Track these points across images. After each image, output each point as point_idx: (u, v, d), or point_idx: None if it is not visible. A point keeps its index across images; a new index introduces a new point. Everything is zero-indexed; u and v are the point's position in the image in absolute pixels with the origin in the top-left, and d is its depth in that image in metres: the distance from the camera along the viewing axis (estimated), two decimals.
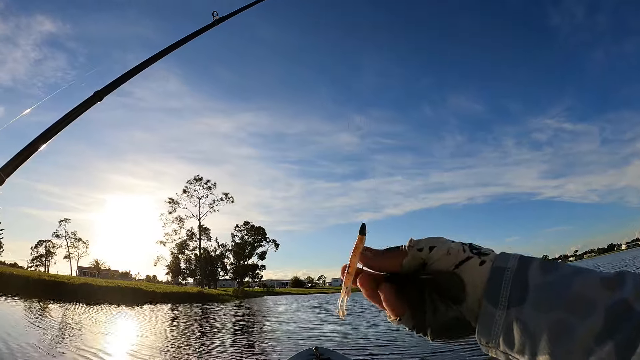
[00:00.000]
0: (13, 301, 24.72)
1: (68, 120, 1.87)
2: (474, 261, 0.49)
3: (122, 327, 17.94)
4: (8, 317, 16.83)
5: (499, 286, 0.45)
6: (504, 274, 0.46)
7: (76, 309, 25.01)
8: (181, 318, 23.84)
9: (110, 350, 10.57)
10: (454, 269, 0.49)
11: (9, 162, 1.59)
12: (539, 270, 0.45)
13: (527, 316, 0.42)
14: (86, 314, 22.25)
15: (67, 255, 78.57)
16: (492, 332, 0.45)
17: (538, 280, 0.44)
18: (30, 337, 11.87)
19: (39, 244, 79.64)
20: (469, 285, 0.48)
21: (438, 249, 0.51)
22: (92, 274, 76.02)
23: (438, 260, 0.50)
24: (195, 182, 73.83)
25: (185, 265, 78.28)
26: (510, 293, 0.44)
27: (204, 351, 11.09)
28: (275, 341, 13.26)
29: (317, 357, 3.85)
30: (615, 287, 0.40)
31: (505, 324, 0.44)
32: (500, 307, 0.44)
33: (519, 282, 0.45)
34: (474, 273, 0.48)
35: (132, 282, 54.41)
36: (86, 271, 78.42)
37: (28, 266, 75.37)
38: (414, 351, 9.44)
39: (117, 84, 2.15)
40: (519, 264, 0.46)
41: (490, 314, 0.45)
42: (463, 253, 0.50)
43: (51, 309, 23.61)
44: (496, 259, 0.48)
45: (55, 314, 20.95)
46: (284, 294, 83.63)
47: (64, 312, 22.27)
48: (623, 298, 0.39)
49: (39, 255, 79.09)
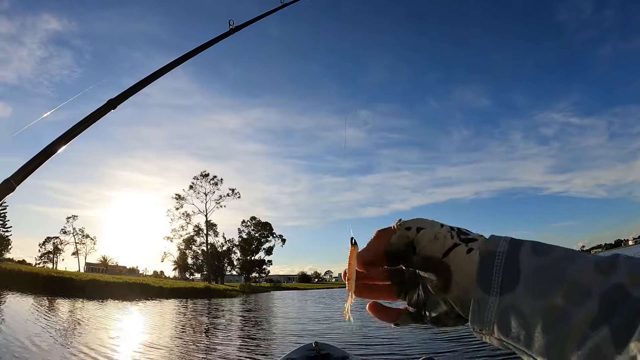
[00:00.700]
0: (23, 298, 24.94)
1: (81, 129, 1.87)
2: (461, 249, 0.47)
3: (130, 322, 18.10)
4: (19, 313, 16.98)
5: (491, 271, 0.44)
6: (495, 259, 0.44)
7: (85, 304, 25.19)
8: (187, 313, 23.98)
9: (119, 345, 10.73)
10: (442, 257, 0.47)
11: (20, 170, 1.59)
12: (530, 253, 0.43)
13: (521, 302, 0.41)
14: (95, 310, 22.44)
15: (75, 251, 79.34)
16: (486, 319, 0.44)
17: (530, 263, 0.42)
18: (41, 332, 12.00)
19: (46, 240, 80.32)
20: (455, 274, 0.46)
21: (425, 231, 0.50)
22: (100, 270, 76.76)
23: (425, 246, 0.49)
24: (202, 178, 74.47)
25: (193, 260, 78.73)
26: (503, 278, 0.43)
27: (207, 345, 11.11)
28: (278, 336, 13.30)
29: (316, 352, 3.89)
30: (609, 271, 0.39)
31: (499, 310, 0.42)
32: (493, 293, 0.43)
33: (510, 266, 0.43)
34: (460, 262, 0.46)
35: (139, 278, 54.85)
36: (94, 267, 79.11)
37: (36, 263, 76.25)
38: (413, 346, 9.46)
39: (131, 92, 2.15)
40: (509, 247, 0.45)
41: (483, 300, 0.44)
42: (450, 239, 0.48)
43: (60, 305, 23.81)
44: (486, 242, 0.47)
45: (65, 310, 21.18)
46: (290, 289, 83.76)
47: (73, 308, 22.45)
48: (618, 283, 0.38)
49: (47, 252, 79.71)
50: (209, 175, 74.59)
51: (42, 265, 75.03)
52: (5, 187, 1.52)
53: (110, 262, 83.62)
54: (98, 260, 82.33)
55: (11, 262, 53.52)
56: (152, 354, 9.62)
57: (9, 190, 1.53)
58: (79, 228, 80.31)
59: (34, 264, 73.36)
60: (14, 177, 1.56)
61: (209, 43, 2.79)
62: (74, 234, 79.21)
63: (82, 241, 79.88)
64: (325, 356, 3.81)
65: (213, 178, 74.62)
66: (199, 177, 74.37)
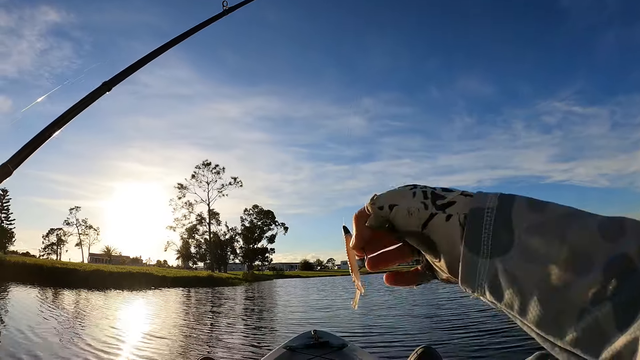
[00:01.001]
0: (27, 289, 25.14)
1: (76, 112, 1.87)
2: (438, 218, 0.44)
3: (134, 312, 18.19)
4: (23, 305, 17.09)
5: (479, 230, 0.40)
6: (483, 216, 0.40)
7: (89, 295, 25.30)
8: (190, 302, 24.05)
9: (122, 334, 10.82)
10: (422, 230, 0.44)
11: (17, 154, 1.59)
12: (525, 208, 0.39)
13: (515, 266, 0.37)
14: (99, 300, 22.51)
15: (79, 242, 79.91)
16: (477, 284, 0.40)
17: (525, 221, 0.38)
18: (45, 323, 12.10)
19: (50, 232, 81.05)
20: (440, 244, 0.43)
21: (398, 208, 0.47)
22: (104, 260, 77.35)
23: (402, 223, 0.46)
24: (204, 167, 74.37)
25: (195, 249, 79.15)
26: (493, 238, 0.39)
27: (207, 334, 11.15)
28: (279, 325, 13.31)
29: (315, 339, 3.95)
30: (615, 237, 0.35)
31: (490, 274, 0.39)
32: (482, 254, 0.39)
33: (502, 224, 0.39)
34: (441, 231, 0.43)
35: (143, 268, 55.19)
36: (98, 258, 79.68)
37: (40, 255, 76.93)
38: (411, 335, 9.42)
39: (126, 75, 2.15)
40: (499, 202, 0.41)
41: (472, 263, 0.40)
42: (425, 211, 0.45)
43: (65, 296, 23.94)
44: (471, 200, 0.43)
45: (69, 301, 21.26)
46: (293, 277, 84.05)
47: (77, 299, 22.55)
48: (623, 253, 0.34)
49: (50, 244, 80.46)
50: (210, 164, 74.56)
51: (45, 256, 75.98)
52: (2, 172, 1.53)
53: (114, 252, 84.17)
54: (102, 251, 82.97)
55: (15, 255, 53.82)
56: (154, 342, 9.68)
57: (6, 174, 1.54)
58: (82, 219, 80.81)
59: (38, 255, 74.14)
60: (11, 161, 1.56)
61: (203, 24, 2.78)
62: (77, 225, 79.80)
63: (85, 232, 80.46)
64: (324, 344, 3.87)
65: (215, 167, 74.61)
66: (201, 167, 74.39)
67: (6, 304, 17.44)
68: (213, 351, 8.76)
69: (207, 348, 9.15)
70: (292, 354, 3.72)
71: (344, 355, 3.70)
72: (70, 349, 8.48)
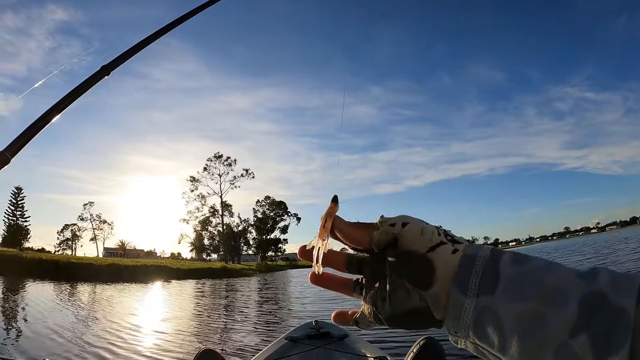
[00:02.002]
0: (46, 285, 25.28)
1: (75, 96, 1.77)
2: (447, 247, 0.46)
3: (149, 304, 18.47)
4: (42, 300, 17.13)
5: (469, 273, 0.43)
6: (475, 262, 0.43)
7: (105, 288, 25.48)
8: (202, 293, 24.19)
9: (141, 324, 11.18)
10: (426, 252, 0.46)
11: (14, 141, 1.52)
12: (510, 261, 0.42)
13: (498, 305, 0.40)
14: (115, 293, 22.66)
15: (93, 237, 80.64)
16: (462, 322, 0.42)
17: (510, 270, 0.41)
18: (65, 317, 12.24)
19: (64, 228, 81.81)
20: (439, 269, 0.44)
21: (412, 226, 0.48)
22: (118, 254, 77.97)
23: (411, 239, 0.47)
24: (216, 160, 74.82)
25: (209, 241, 79.98)
26: (481, 281, 0.42)
27: (216, 325, 11.36)
28: (289, 315, 13.46)
29: (316, 330, 3.95)
30: (590, 278, 0.38)
31: (475, 313, 0.41)
32: (469, 295, 0.42)
33: (490, 271, 0.42)
34: (445, 259, 0.45)
35: (157, 261, 55.77)
36: (112, 252, 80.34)
37: (55, 250, 77.52)
38: None
39: (125, 58, 2.04)
40: (491, 253, 0.44)
41: (459, 302, 0.42)
42: (437, 236, 0.47)
43: (82, 290, 24.13)
44: (467, 247, 0.45)
45: (86, 295, 21.44)
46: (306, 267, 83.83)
47: (94, 293, 22.68)
48: (598, 289, 0.37)
49: (65, 239, 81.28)
50: (222, 156, 74.92)
51: (61, 252, 76.50)
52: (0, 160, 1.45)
53: (128, 246, 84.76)
54: (116, 245, 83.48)
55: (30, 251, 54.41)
56: (163, 334, 9.87)
57: (4, 162, 1.46)
58: (96, 214, 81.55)
59: (53, 251, 74.73)
60: (9, 148, 1.48)
61: (200, 7, 2.56)
62: (91, 220, 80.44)
63: (99, 227, 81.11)
64: (325, 334, 3.88)
65: (227, 159, 74.93)
66: (212, 159, 74.84)
67: (28, 299, 17.49)
68: (218, 342, 8.83)
69: (213, 339, 9.24)
70: (294, 344, 3.75)
71: (345, 345, 3.70)
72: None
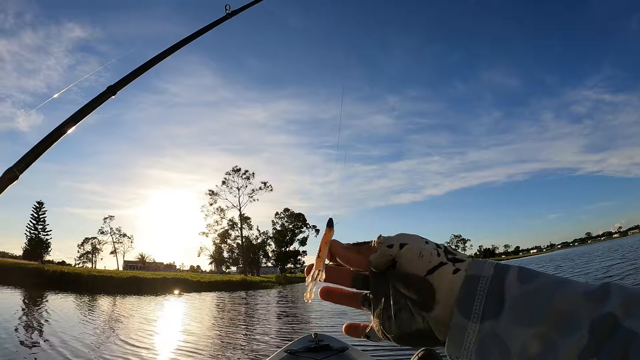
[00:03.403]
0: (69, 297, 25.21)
1: (81, 116, 1.88)
2: (447, 268, 0.44)
3: (172, 315, 18.68)
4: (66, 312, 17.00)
5: (473, 296, 0.41)
6: (478, 283, 0.41)
7: (126, 300, 25.50)
8: (219, 306, 24.02)
9: (164, 335, 11.69)
10: (425, 275, 0.44)
11: (22, 159, 1.61)
12: (516, 280, 0.41)
13: (504, 331, 0.38)
14: (137, 305, 22.71)
15: (113, 250, 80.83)
16: (464, 347, 0.40)
17: (516, 291, 0.40)
18: (92, 328, 12.21)
19: (85, 241, 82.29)
20: (439, 292, 0.43)
21: (409, 247, 0.46)
22: (138, 267, 78.30)
23: (409, 262, 0.46)
24: (234, 173, 74.87)
25: (228, 254, 79.80)
26: (485, 304, 0.40)
27: (227, 338, 11.36)
28: (296, 326, 13.50)
29: (315, 342, 3.95)
30: (600, 300, 0.36)
31: (479, 338, 0.39)
32: (473, 319, 0.40)
33: (495, 292, 0.40)
34: (446, 281, 0.43)
35: (178, 273, 55.75)
36: (132, 265, 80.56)
37: (75, 263, 78.38)
38: None
39: (130, 79, 2.18)
40: (494, 272, 0.42)
41: (462, 326, 0.40)
42: (437, 257, 0.45)
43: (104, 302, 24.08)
44: (470, 266, 0.44)
45: (109, 307, 21.40)
46: None
47: (116, 305, 22.65)
48: (608, 312, 0.35)
49: (85, 252, 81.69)
50: (240, 170, 74.94)
51: (81, 265, 77.22)
52: (8, 177, 1.55)
53: (148, 259, 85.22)
54: (136, 258, 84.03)
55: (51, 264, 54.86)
56: (183, 343, 10.10)
57: (13, 179, 1.56)
58: (116, 227, 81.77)
59: (74, 264, 75.62)
60: (17, 165, 1.59)
61: (206, 28, 2.79)
62: (111, 234, 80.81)
63: (119, 240, 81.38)
64: (324, 347, 3.88)
65: (245, 172, 74.91)
66: (231, 173, 74.93)
67: (52, 311, 17.30)
68: (219, 355, 8.90)
69: (223, 351, 9.30)
70: (293, 357, 3.75)
71: (344, 358, 3.72)
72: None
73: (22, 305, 19.21)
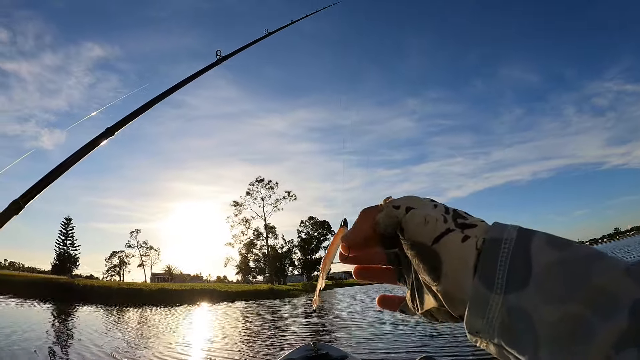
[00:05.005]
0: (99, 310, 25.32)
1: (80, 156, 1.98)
2: (454, 236, 0.39)
3: (201, 324, 18.99)
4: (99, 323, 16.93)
5: (494, 263, 0.35)
6: (500, 248, 0.36)
7: (157, 312, 25.61)
8: (247, 314, 23.77)
9: (196, 343, 12.00)
10: (431, 244, 0.39)
11: (27, 192, 1.70)
12: (545, 245, 0.35)
13: (532, 305, 0.33)
14: (167, 316, 22.80)
15: (141, 263, 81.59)
16: (486, 321, 0.35)
17: (545, 257, 0.34)
18: (128, 339, 12.42)
19: (112, 255, 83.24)
20: (446, 264, 0.38)
21: (415, 212, 0.42)
22: (165, 279, 78.84)
23: (415, 229, 0.41)
24: (258, 184, 75.18)
25: (254, 264, 79.98)
26: (509, 273, 0.34)
27: (243, 345, 11.39)
28: (311, 335, 13.20)
29: (314, 351, 3.99)
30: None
31: (503, 312, 0.34)
32: (496, 290, 0.34)
33: (519, 259, 0.35)
34: (453, 250, 0.38)
35: (206, 284, 55.92)
36: (159, 277, 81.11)
37: (103, 277, 79.62)
38: (413, 345, 9.28)
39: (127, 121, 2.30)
40: (518, 235, 0.36)
41: (484, 298, 0.35)
42: (443, 224, 0.40)
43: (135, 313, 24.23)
44: (488, 230, 0.38)
45: (139, 318, 21.53)
46: (352, 285, 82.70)
47: (147, 316, 22.74)
48: None
49: (113, 266, 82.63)
50: (264, 180, 75.18)
51: (109, 278, 78.22)
52: (13, 208, 1.61)
53: (175, 270, 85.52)
54: (163, 270, 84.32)
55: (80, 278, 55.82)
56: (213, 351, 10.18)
57: (17, 210, 1.62)
58: (143, 241, 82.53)
59: (102, 277, 76.91)
60: (22, 197, 1.66)
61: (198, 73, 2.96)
62: (138, 247, 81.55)
63: (146, 253, 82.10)
64: (324, 356, 3.89)
65: (268, 182, 75.18)
66: (254, 183, 75.29)
67: (85, 324, 17.40)
68: None
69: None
70: None
71: None
72: None
73: (54, 318, 19.24)
